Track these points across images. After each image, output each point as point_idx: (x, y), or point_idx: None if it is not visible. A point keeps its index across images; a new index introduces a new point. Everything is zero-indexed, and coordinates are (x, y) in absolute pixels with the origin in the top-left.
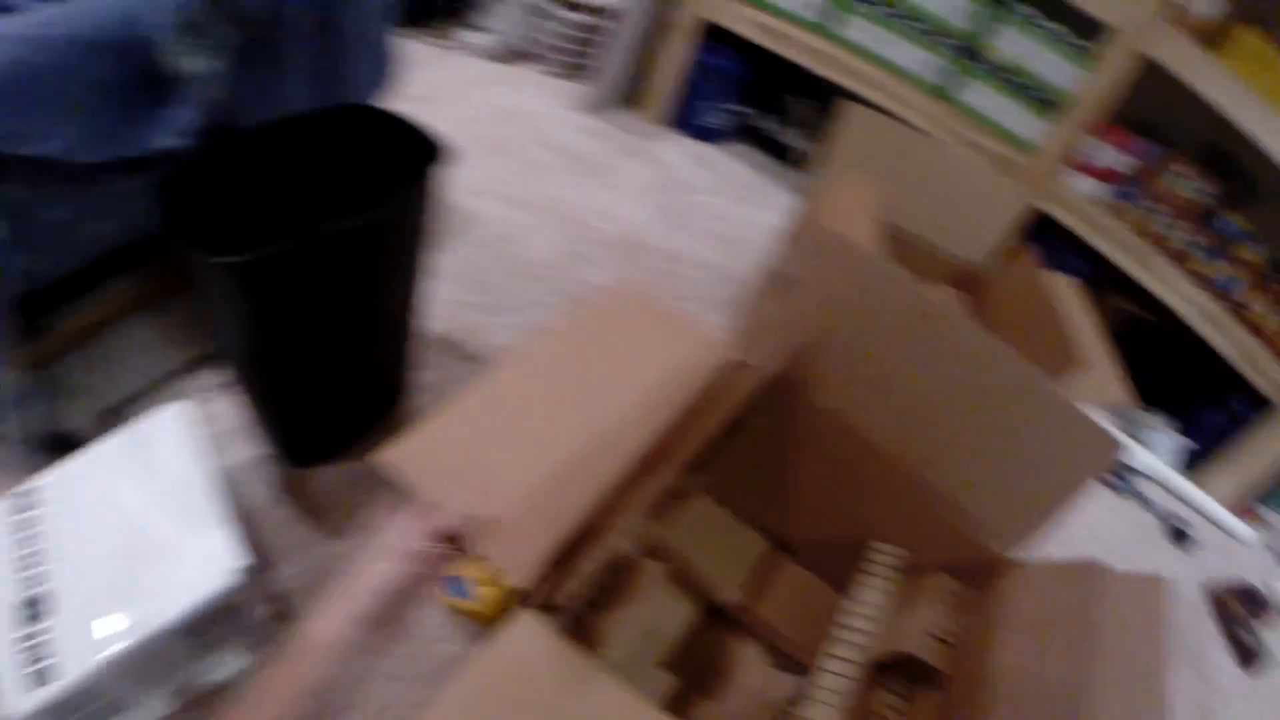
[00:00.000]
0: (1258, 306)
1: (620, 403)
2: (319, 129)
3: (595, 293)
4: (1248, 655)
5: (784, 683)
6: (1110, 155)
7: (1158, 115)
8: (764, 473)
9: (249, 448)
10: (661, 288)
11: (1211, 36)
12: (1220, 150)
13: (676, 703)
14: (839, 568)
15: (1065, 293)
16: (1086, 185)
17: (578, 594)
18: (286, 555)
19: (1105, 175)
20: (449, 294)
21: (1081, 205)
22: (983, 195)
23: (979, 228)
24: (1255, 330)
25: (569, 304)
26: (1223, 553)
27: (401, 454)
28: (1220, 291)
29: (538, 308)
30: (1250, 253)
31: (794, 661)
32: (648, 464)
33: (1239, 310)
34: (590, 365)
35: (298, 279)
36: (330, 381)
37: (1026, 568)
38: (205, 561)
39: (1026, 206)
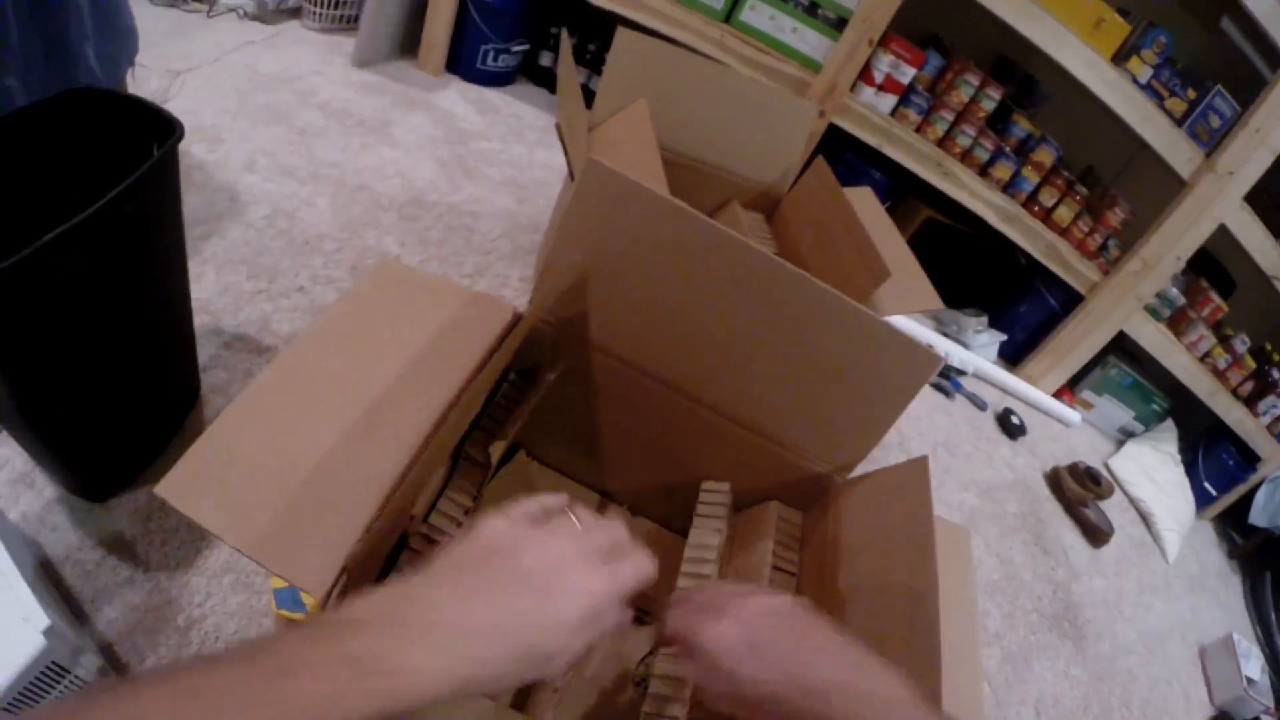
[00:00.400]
0: (1051, 203)
1: (402, 376)
2: (41, 124)
3: (360, 275)
4: (1095, 532)
5: (642, 635)
6: (898, 68)
7: (943, 28)
8: (577, 428)
9: (37, 494)
10: (453, 244)
11: None
12: (1004, 58)
13: None
14: (676, 511)
15: (864, 204)
16: (878, 99)
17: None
18: (101, 600)
19: (895, 87)
20: (230, 282)
21: (874, 119)
22: (774, 116)
23: (773, 149)
24: (1053, 226)
25: (337, 292)
26: (1054, 438)
27: (172, 487)
28: (1016, 192)
29: (325, 285)
30: (1040, 153)
31: (648, 613)
32: (437, 434)
33: (1036, 208)
34: (364, 349)
35: (33, 296)
36: (106, 402)
37: (859, 484)
38: (8, 629)
39: (820, 124)
